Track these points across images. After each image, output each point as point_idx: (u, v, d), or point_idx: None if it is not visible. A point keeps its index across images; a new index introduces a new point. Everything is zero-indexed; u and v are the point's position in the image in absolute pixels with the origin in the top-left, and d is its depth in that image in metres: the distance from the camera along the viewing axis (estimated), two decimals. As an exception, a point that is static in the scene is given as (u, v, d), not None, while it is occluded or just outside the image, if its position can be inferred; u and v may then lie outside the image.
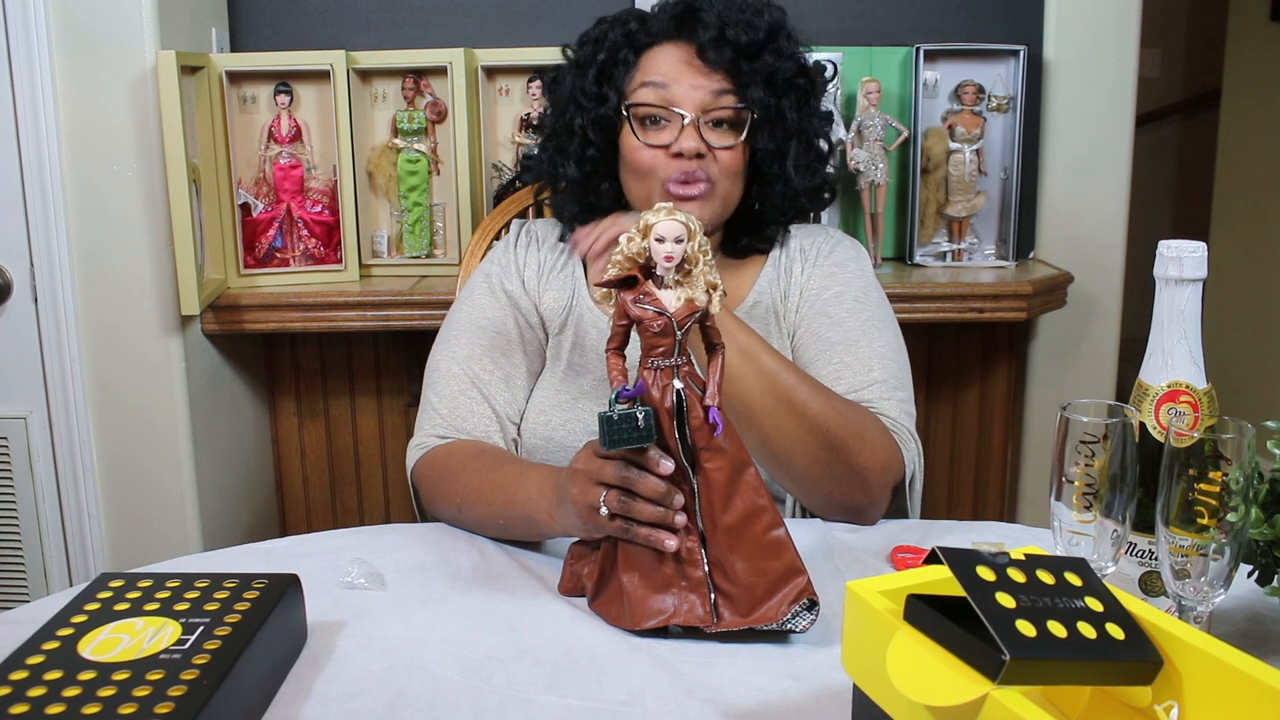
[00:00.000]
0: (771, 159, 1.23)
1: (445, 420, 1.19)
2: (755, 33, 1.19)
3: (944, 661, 0.61)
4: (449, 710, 0.78)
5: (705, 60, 1.19)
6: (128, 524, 1.86)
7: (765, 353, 1.07)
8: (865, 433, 1.09)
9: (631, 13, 1.26)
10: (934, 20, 1.95)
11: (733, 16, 1.19)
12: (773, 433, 1.06)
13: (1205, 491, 0.74)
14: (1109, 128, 1.94)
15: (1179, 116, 4.03)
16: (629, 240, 0.87)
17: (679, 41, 1.21)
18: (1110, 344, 2.02)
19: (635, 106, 1.20)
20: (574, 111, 1.25)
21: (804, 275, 1.27)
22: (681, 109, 1.18)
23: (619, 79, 1.23)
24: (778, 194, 1.25)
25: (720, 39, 1.18)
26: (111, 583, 0.85)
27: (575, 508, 0.91)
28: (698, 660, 0.85)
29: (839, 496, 1.10)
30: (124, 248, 1.77)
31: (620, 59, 1.23)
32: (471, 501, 1.08)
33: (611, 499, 0.88)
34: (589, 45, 1.26)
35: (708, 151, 1.18)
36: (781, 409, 1.05)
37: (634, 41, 1.23)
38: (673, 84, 1.19)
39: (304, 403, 2.11)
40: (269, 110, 1.86)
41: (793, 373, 1.08)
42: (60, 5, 1.70)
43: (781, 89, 1.21)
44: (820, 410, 1.06)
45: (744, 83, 1.19)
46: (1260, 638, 0.86)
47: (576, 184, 1.27)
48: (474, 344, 1.23)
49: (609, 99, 1.23)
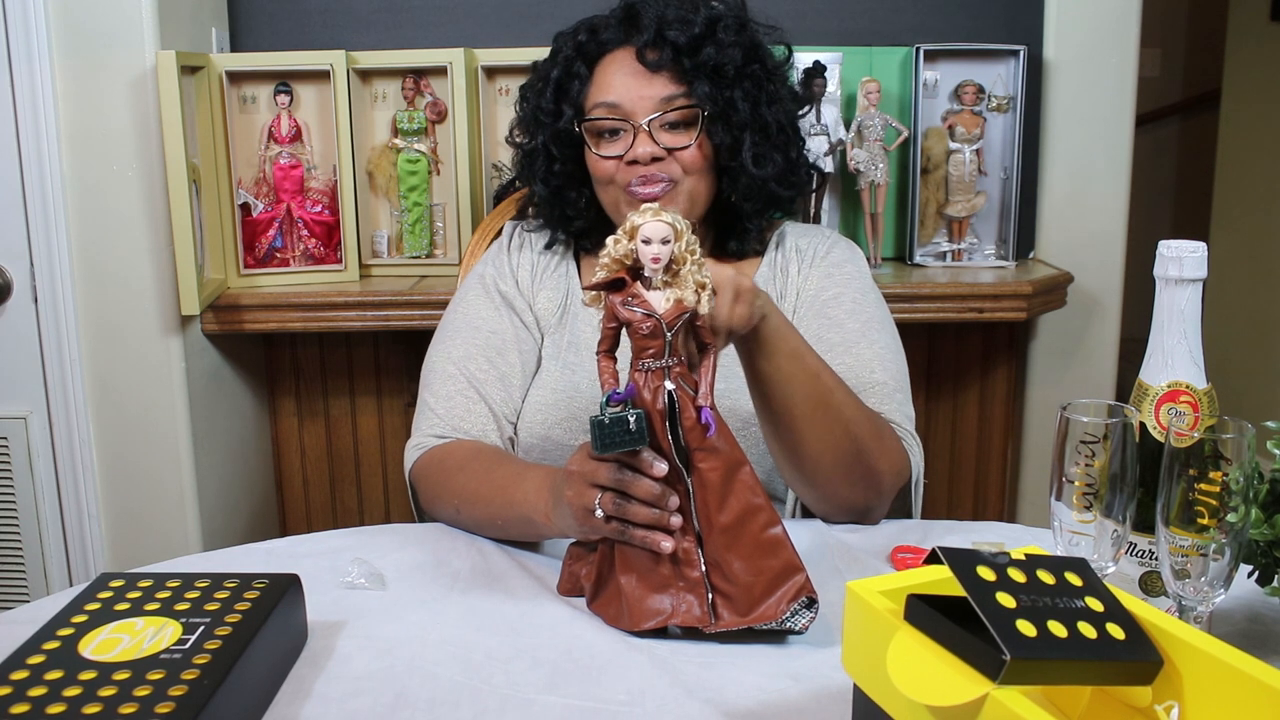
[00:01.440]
0: (729, 152, 1.22)
1: (443, 420, 1.19)
2: (691, 28, 1.19)
3: (944, 661, 0.61)
4: (449, 710, 0.78)
5: (645, 63, 1.19)
6: (128, 524, 1.86)
7: (810, 353, 1.04)
8: (884, 437, 1.10)
9: (582, 24, 1.27)
10: (934, 20, 1.95)
11: (670, 14, 1.20)
12: (809, 435, 1.04)
13: (1205, 491, 0.74)
14: (1109, 128, 1.94)
15: (1179, 117, 4.03)
16: (616, 242, 0.87)
17: (625, 46, 1.22)
18: (1110, 344, 2.02)
19: (587, 122, 1.22)
20: (536, 129, 1.28)
21: (800, 276, 1.27)
22: (631, 119, 1.19)
23: (575, 93, 1.24)
24: (744, 185, 1.24)
25: (658, 39, 1.19)
26: (112, 583, 0.85)
27: (571, 510, 0.91)
28: (698, 660, 0.85)
29: (851, 499, 1.10)
30: (124, 248, 1.77)
31: (574, 72, 1.25)
32: (470, 502, 1.08)
33: (606, 501, 0.88)
34: (546, 62, 1.28)
35: (665, 154, 1.19)
36: (821, 412, 1.04)
37: (585, 52, 1.25)
38: (620, 95, 1.20)
39: (304, 403, 2.11)
40: (269, 110, 1.86)
41: (831, 374, 1.06)
42: (60, 5, 1.70)
43: (730, 80, 1.21)
44: (853, 414, 1.06)
45: (689, 80, 1.19)
46: (1260, 638, 0.86)
47: (547, 199, 1.30)
48: (469, 345, 1.23)
49: (564, 113, 1.24)
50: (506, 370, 1.23)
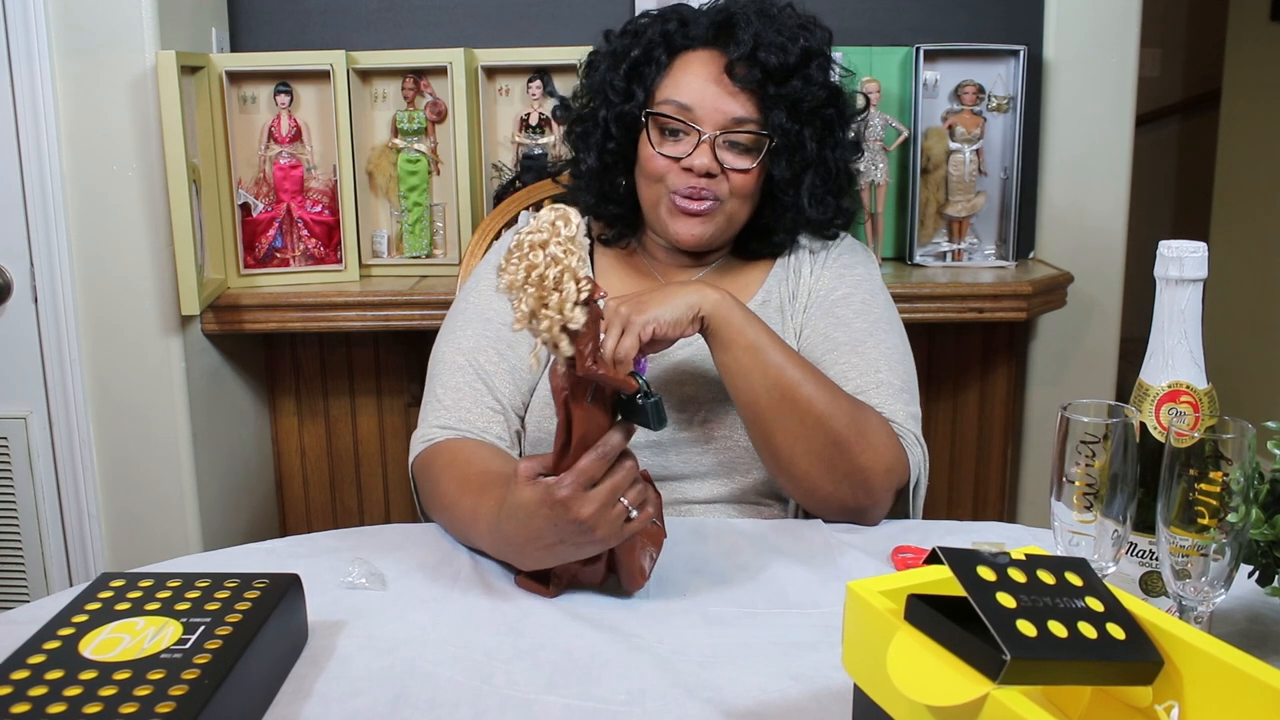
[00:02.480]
0: (786, 186, 1.22)
1: (449, 412, 1.18)
2: (786, 56, 1.17)
3: (944, 661, 0.61)
4: (449, 710, 0.78)
5: (732, 77, 1.18)
6: (128, 524, 1.86)
7: (772, 347, 1.07)
8: (869, 432, 1.09)
9: (675, 11, 1.24)
10: (934, 20, 1.95)
11: (767, 37, 1.17)
12: (776, 430, 1.06)
13: (1206, 491, 0.74)
14: (1109, 128, 1.94)
15: (1179, 116, 4.03)
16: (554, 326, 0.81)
17: (713, 50, 1.20)
18: (1110, 344, 2.02)
19: (655, 115, 1.20)
20: (600, 102, 1.25)
21: (813, 276, 1.27)
22: (700, 126, 1.17)
23: (648, 78, 1.22)
24: (788, 219, 1.25)
25: (750, 58, 1.17)
26: (112, 582, 0.85)
27: (600, 535, 0.87)
28: (698, 660, 0.85)
29: (840, 497, 1.10)
30: (124, 248, 1.77)
31: (654, 58, 1.22)
32: (445, 510, 1.09)
33: (635, 498, 0.89)
34: (627, 37, 1.25)
35: (720, 172, 1.18)
36: (785, 406, 1.05)
37: (670, 42, 1.22)
38: (696, 100, 1.18)
39: (304, 403, 2.11)
40: (269, 110, 1.86)
41: (798, 368, 1.07)
42: (60, 5, 1.70)
43: (806, 117, 1.20)
44: (825, 408, 1.06)
45: (767, 106, 1.18)
46: (1260, 638, 0.86)
47: (594, 174, 1.27)
48: (479, 336, 1.23)
49: (635, 96, 1.22)
50: (516, 363, 1.22)
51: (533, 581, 0.97)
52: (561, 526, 0.87)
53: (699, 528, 1.11)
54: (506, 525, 0.92)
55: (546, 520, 0.87)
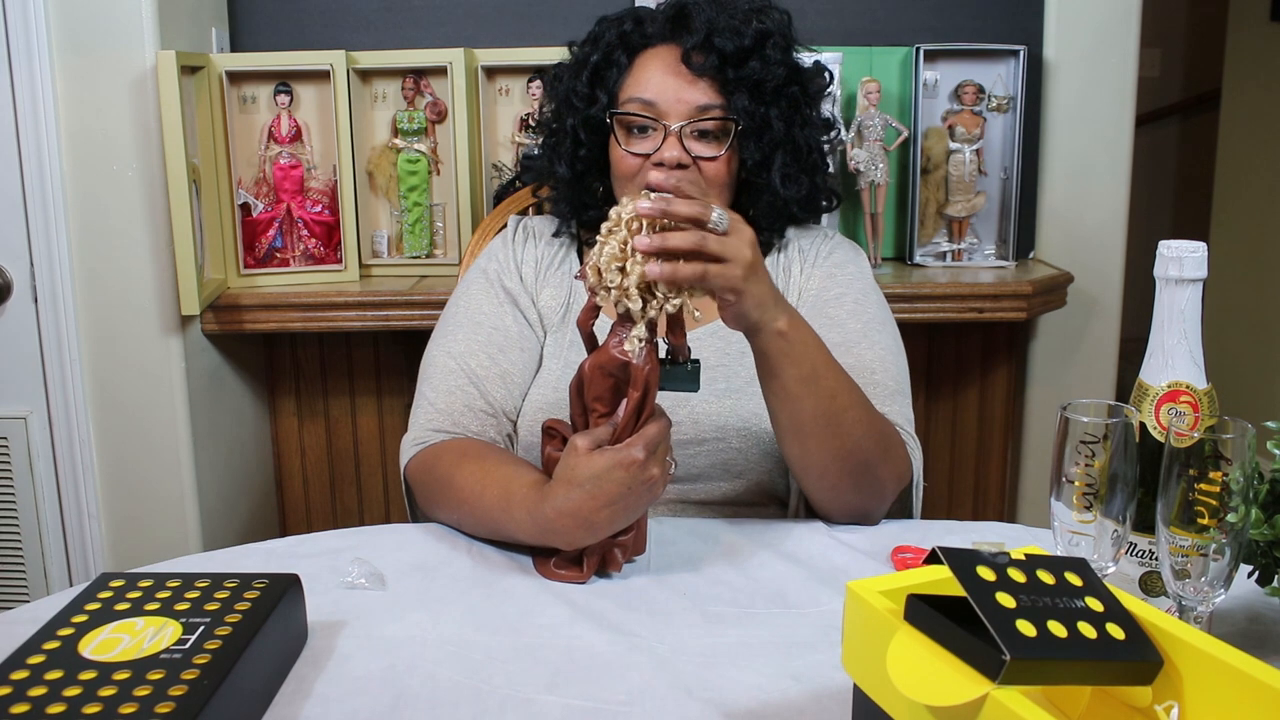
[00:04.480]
0: (758, 169, 1.22)
1: (441, 415, 1.18)
2: (741, 39, 1.18)
3: (944, 661, 0.61)
4: (449, 710, 0.78)
5: (690, 66, 1.19)
6: (128, 524, 1.86)
7: (829, 374, 1.04)
8: (891, 448, 1.10)
9: (630, 12, 1.26)
10: (934, 20, 1.95)
11: (721, 22, 1.18)
12: (815, 449, 1.05)
13: (1205, 492, 0.74)
14: (1109, 128, 1.94)
15: (1179, 116, 4.04)
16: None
17: (670, 44, 1.21)
18: (1110, 344, 2.02)
19: (620, 115, 1.21)
20: (567, 111, 1.27)
21: (803, 276, 1.27)
22: (665, 119, 1.18)
23: (611, 81, 1.23)
24: (765, 203, 1.25)
25: (706, 44, 1.18)
26: (112, 582, 0.85)
27: (659, 491, 0.96)
28: (698, 660, 0.85)
29: (855, 503, 1.11)
30: (124, 248, 1.77)
31: (614, 60, 1.24)
32: (467, 504, 1.08)
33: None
34: (587, 44, 1.27)
35: (691, 162, 1.18)
36: (830, 430, 1.04)
37: (628, 43, 1.24)
38: (658, 93, 1.19)
39: (304, 403, 2.11)
40: (269, 110, 1.86)
41: (847, 393, 1.05)
42: (60, 5, 1.70)
43: (769, 97, 1.20)
44: (864, 431, 1.06)
45: (729, 91, 1.19)
46: (1260, 638, 0.86)
47: (567, 182, 1.29)
48: (471, 339, 1.23)
49: (599, 100, 1.23)
50: (508, 367, 1.22)
51: (565, 569, 0.99)
52: (635, 488, 0.94)
53: (699, 528, 1.11)
54: (572, 497, 0.95)
55: (619, 483, 0.94)
